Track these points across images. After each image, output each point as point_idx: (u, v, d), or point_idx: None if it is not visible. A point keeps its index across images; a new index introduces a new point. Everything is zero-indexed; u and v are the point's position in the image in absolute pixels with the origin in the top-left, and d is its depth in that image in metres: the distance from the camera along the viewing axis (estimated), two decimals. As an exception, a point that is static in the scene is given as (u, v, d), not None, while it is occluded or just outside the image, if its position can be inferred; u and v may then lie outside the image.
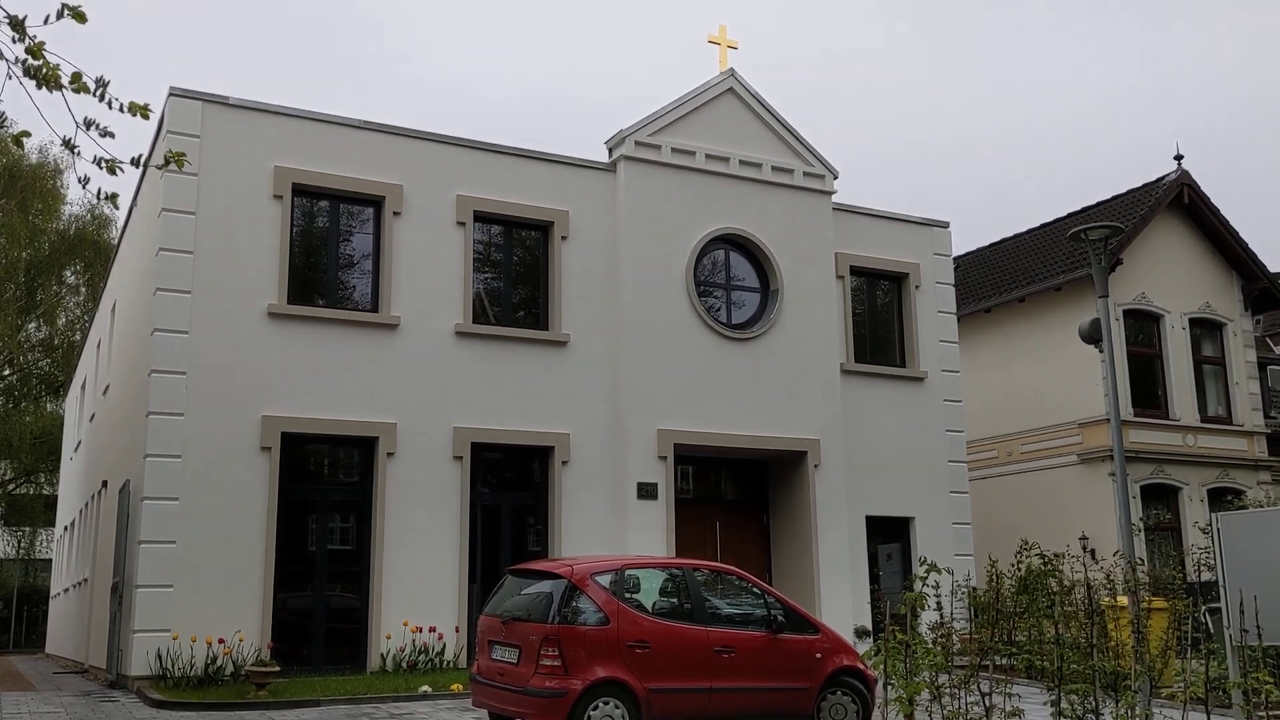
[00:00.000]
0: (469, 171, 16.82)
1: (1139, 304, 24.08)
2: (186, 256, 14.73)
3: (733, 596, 11.04)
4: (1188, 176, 24.81)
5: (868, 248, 20.00)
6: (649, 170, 17.86)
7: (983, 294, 25.88)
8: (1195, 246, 25.27)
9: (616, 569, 10.22)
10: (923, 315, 20.29)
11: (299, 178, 15.60)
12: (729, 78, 18.84)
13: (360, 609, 15.21)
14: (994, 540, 18.81)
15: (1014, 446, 24.66)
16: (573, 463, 16.70)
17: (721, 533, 18.41)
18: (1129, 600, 8.55)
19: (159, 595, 13.82)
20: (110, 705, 12.78)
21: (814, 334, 18.68)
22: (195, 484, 14.24)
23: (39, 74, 4.75)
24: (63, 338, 33.98)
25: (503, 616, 10.14)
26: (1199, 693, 7.31)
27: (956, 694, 7.12)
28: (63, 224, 32.57)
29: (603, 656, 9.49)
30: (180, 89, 15.08)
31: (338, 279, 16.14)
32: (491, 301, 17.11)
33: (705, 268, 18.38)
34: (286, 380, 15.04)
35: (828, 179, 19.36)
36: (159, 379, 14.38)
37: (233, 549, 14.29)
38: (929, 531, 19.17)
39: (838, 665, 10.59)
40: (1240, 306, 25.66)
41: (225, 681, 13.51)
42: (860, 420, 19.09)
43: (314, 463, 16.02)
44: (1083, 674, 7.30)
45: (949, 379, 20.31)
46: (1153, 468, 23.25)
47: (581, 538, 16.37)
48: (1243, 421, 25.01)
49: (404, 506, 15.46)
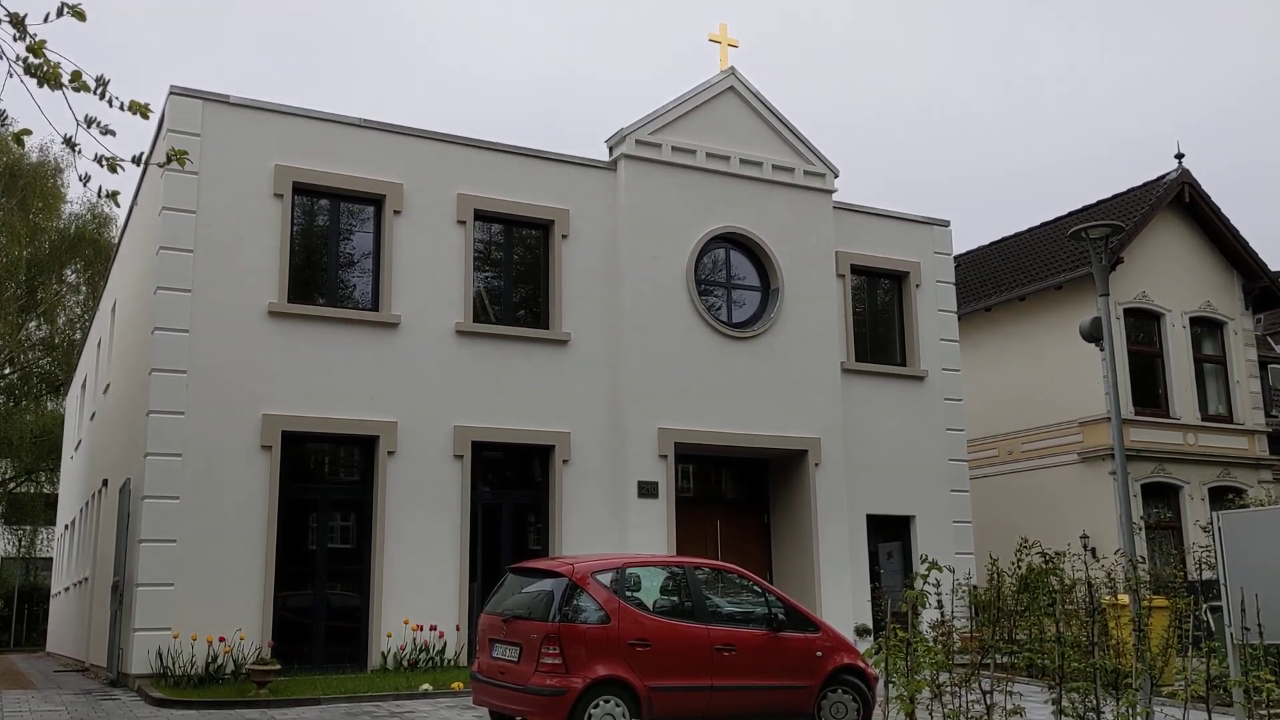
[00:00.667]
0: (469, 170, 16.82)
1: (1139, 303, 24.08)
2: (187, 255, 14.73)
3: (733, 595, 11.03)
4: (1188, 175, 24.79)
5: (868, 246, 19.99)
6: (649, 169, 17.85)
7: (983, 293, 25.88)
8: (1196, 245, 25.27)
9: (617, 567, 10.21)
10: (923, 314, 20.28)
11: (299, 176, 15.60)
12: (730, 76, 18.83)
13: (361, 607, 15.21)
14: (994, 539, 18.81)
15: (1014, 445, 24.67)
16: (573, 461, 16.70)
17: (722, 531, 18.41)
18: (1130, 598, 8.54)
19: (159, 594, 13.83)
20: (111, 704, 12.77)
21: (814, 333, 18.67)
22: (196, 483, 14.25)
23: (40, 72, 4.75)
24: (63, 336, 33.98)
25: (504, 615, 10.14)
26: (1200, 691, 7.31)
27: (957, 692, 7.12)
28: (63, 223, 32.57)
29: (603, 655, 9.49)
30: (180, 88, 15.06)
31: (338, 278, 16.14)
32: (492, 300, 17.11)
33: (706, 266, 18.37)
34: (287, 379, 15.04)
35: (828, 177, 19.35)
36: (159, 378, 14.38)
37: (233, 548, 14.29)
38: (929, 530, 19.17)
39: (838, 663, 10.57)
40: (1241, 305, 25.67)
41: (226, 680, 13.52)
42: (861, 419, 19.09)
43: (314, 461, 16.01)
44: (1084, 672, 7.30)
45: (949, 378, 20.31)
46: (1153, 466, 23.26)
47: (582, 536, 16.37)
48: (1243, 420, 25.01)
49: (404, 505, 15.46)
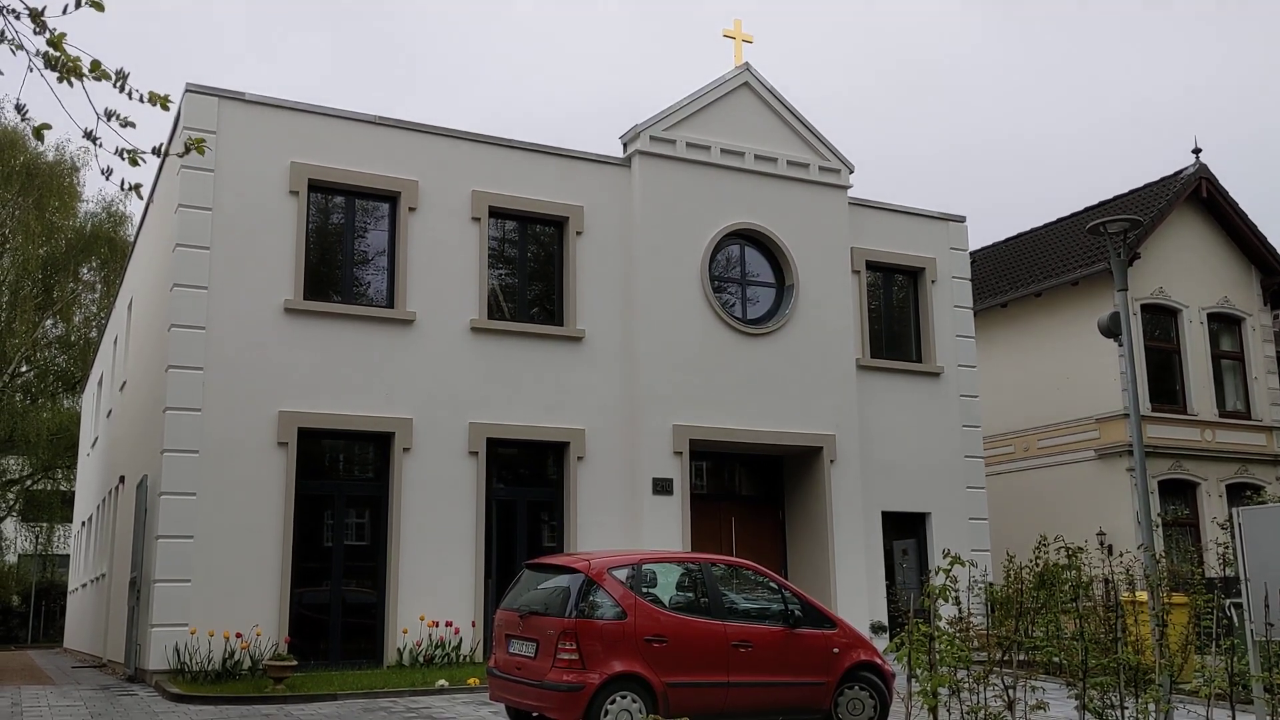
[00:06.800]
0: (484, 167, 16.82)
1: (1157, 299, 23.95)
2: (203, 252, 14.77)
3: (750, 591, 11.01)
4: (1206, 170, 24.64)
5: (884, 242, 19.92)
6: (664, 165, 17.82)
7: (999, 289, 25.78)
8: (1213, 241, 25.11)
9: (634, 563, 10.20)
10: (939, 310, 20.20)
11: (315, 173, 15.63)
12: (744, 72, 18.78)
13: (377, 604, 15.24)
14: (1011, 536, 18.74)
15: (1031, 442, 24.56)
16: (588, 458, 16.69)
17: (737, 528, 18.38)
18: (1151, 595, 8.49)
19: (177, 590, 13.88)
20: (129, 699, 12.83)
21: (830, 329, 18.61)
22: (212, 479, 14.29)
23: (59, 64, 4.75)
24: (79, 334, 34.16)
25: (520, 611, 10.14)
26: (1222, 687, 7.25)
27: (976, 689, 7.08)
28: (79, 221, 32.71)
29: (620, 651, 9.49)
30: (196, 85, 15.11)
31: (354, 275, 16.16)
32: (506, 297, 17.11)
33: (720, 263, 18.33)
34: (303, 376, 15.07)
35: (844, 173, 19.29)
36: (176, 374, 14.43)
37: (250, 544, 14.34)
38: (945, 527, 19.09)
39: (855, 660, 10.55)
40: (1259, 301, 25.50)
41: (243, 676, 13.57)
42: (876, 416, 19.03)
43: (330, 458, 16.05)
44: (1107, 667, 7.25)
45: (966, 374, 20.22)
46: (1170, 463, 23.12)
47: (596, 533, 16.36)
48: (1261, 417, 24.84)
49: (420, 502, 15.48)
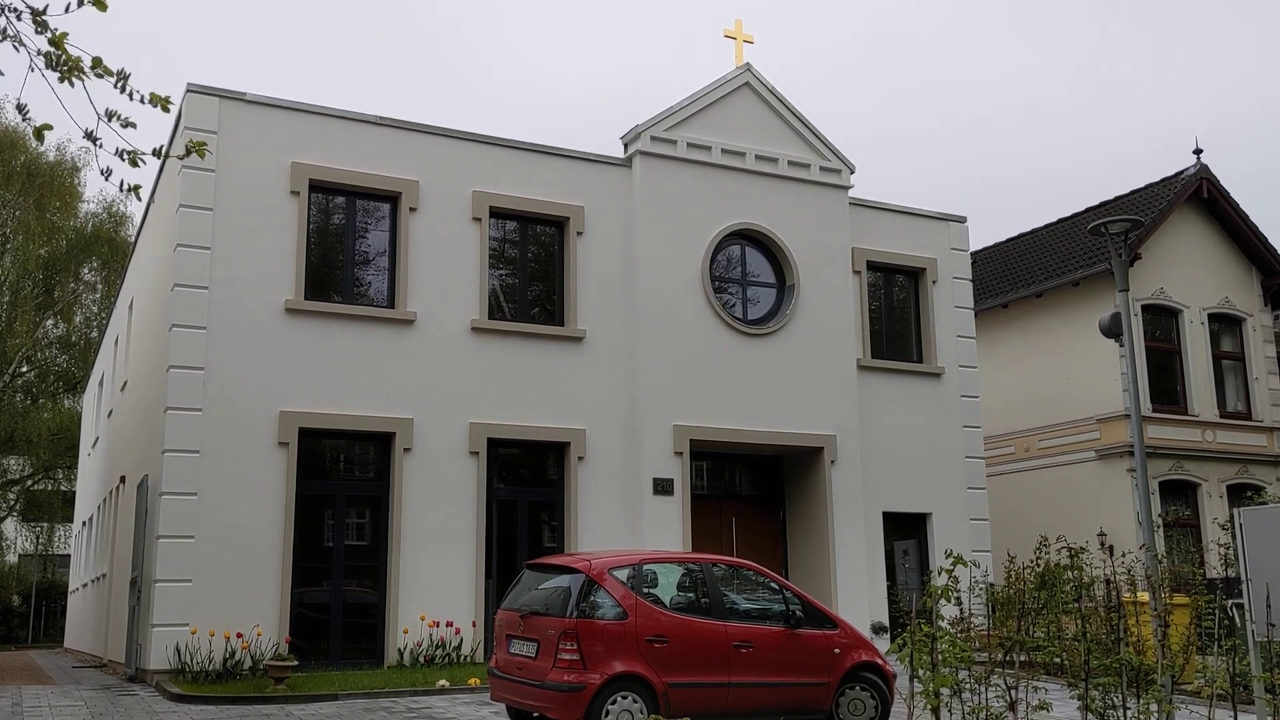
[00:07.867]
0: (485, 167, 16.82)
1: (1157, 299, 23.94)
2: (204, 252, 14.77)
3: (751, 591, 11.01)
4: (1207, 170, 24.63)
5: (885, 243, 19.91)
6: (664, 165, 17.82)
7: (1000, 289, 25.77)
8: (1214, 241, 25.10)
9: (635, 564, 10.19)
10: (940, 310, 20.20)
11: (316, 174, 15.63)
12: (745, 72, 18.78)
13: (377, 604, 15.24)
14: (1011, 536, 18.73)
15: (1031, 442, 24.56)
16: (588, 458, 16.69)
17: (737, 529, 18.38)
18: (1152, 595, 8.49)
19: (177, 590, 13.88)
20: (129, 699, 12.83)
21: (830, 329, 18.61)
22: (213, 479, 14.29)
23: (60, 64, 4.75)
24: (80, 334, 34.16)
25: (521, 611, 10.14)
26: (1224, 688, 7.24)
27: (978, 689, 7.08)
28: (80, 222, 32.71)
29: (621, 651, 9.48)
30: (197, 85, 15.10)
31: (354, 275, 16.16)
32: (507, 297, 17.11)
33: (721, 263, 18.33)
34: (303, 376, 15.08)
35: (844, 174, 19.28)
36: (177, 374, 14.43)
37: (250, 544, 14.34)
38: (946, 527, 19.09)
39: (856, 660, 10.55)
40: (1260, 301, 25.49)
41: (244, 676, 13.57)
42: (877, 416, 19.02)
43: (331, 458, 16.05)
44: (1109, 668, 7.25)
45: (967, 374, 20.22)
46: (1171, 464, 23.12)
47: (597, 533, 16.36)
48: (1262, 417, 24.83)
49: (421, 502, 15.48)
